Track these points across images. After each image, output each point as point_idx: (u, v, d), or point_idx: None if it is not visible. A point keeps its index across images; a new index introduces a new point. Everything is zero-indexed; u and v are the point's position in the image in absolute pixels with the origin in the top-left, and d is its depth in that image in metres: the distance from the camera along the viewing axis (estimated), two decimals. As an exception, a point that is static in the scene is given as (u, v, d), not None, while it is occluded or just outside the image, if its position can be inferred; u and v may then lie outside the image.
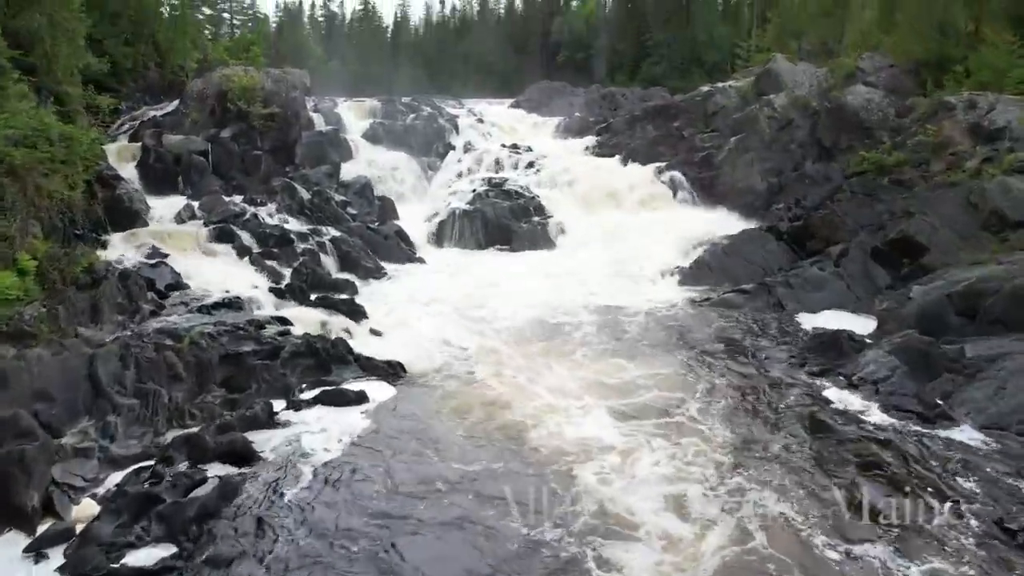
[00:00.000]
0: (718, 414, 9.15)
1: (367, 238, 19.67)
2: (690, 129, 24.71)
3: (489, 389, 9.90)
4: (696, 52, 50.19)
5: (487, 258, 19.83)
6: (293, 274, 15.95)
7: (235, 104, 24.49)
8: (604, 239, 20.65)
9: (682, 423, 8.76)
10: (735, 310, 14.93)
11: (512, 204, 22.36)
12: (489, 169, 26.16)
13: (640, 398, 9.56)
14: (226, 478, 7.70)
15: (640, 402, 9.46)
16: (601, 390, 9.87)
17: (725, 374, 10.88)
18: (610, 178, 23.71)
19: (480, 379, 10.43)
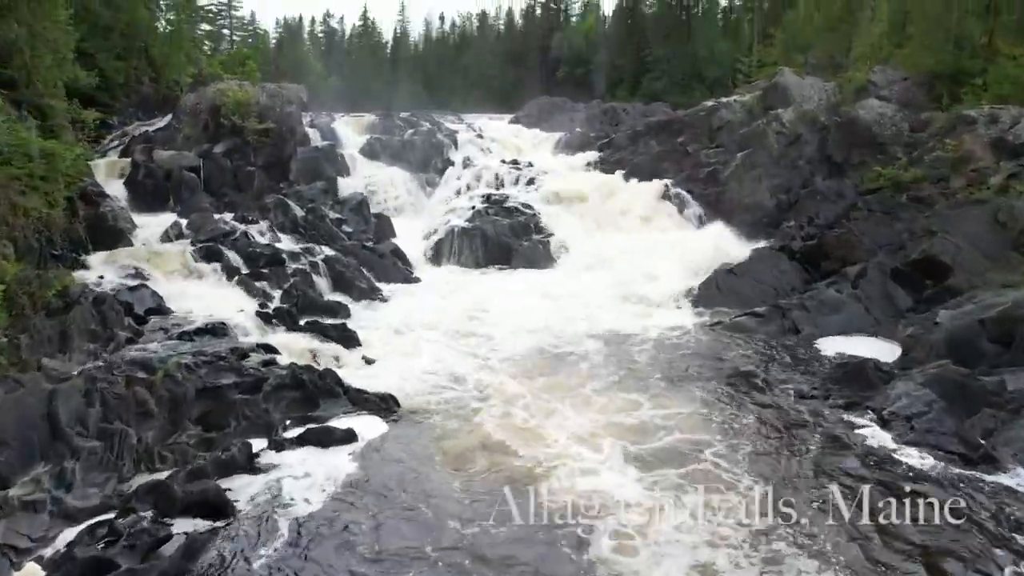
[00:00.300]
0: (744, 460, 8.23)
1: (362, 257, 18.83)
2: (695, 144, 23.95)
3: (490, 430, 8.98)
4: (697, 67, 49.65)
5: (487, 278, 18.97)
6: (283, 296, 15.09)
7: (229, 119, 23.77)
8: (608, 258, 19.81)
9: (707, 471, 7.84)
10: (749, 335, 14.05)
11: (512, 221, 21.55)
12: (489, 185, 25.38)
13: (659, 442, 8.62)
14: (193, 535, 6.79)
15: (659, 447, 8.53)
16: (615, 432, 8.92)
17: (746, 410, 9.98)
18: (613, 195, 22.91)
19: (480, 417, 9.51)
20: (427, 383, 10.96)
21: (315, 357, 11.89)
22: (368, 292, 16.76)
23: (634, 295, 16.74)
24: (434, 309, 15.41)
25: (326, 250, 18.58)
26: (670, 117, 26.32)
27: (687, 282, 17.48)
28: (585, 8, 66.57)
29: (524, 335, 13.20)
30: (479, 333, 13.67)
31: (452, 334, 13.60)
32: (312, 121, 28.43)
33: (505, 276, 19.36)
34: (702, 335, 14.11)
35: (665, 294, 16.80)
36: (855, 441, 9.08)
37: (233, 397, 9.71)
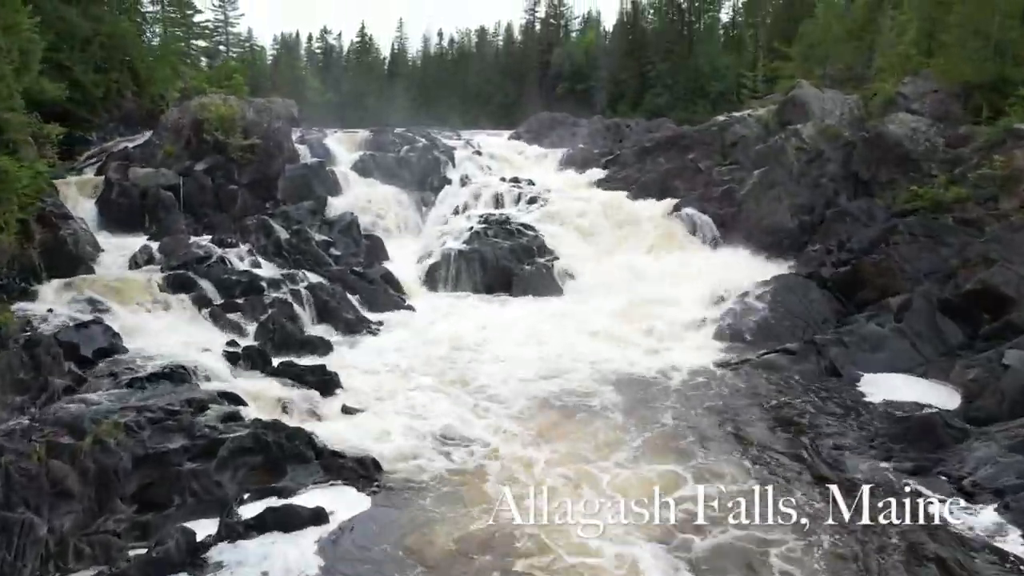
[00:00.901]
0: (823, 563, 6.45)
1: (350, 284, 17.14)
2: (707, 161, 22.37)
3: (492, 518, 7.16)
4: (699, 83, 48.32)
5: (486, 307, 17.26)
6: (258, 330, 13.37)
7: (212, 135, 22.18)
8: (617, 285, 18.13)
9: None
10: (782, 376, 12.33)
11: (513, 244, 19.87)
12: (488, 204, 23.75)
13: (712, 539, 6.70)
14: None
15: (713, 546, 6.66)
16: (655, 527, 7.09)
17: (804, 484, 8.17)
18: (621, 215, 21.28)
19: (479, 497, 7.74)
20: (416, 441, 9.21)
21: (286, 408, 10.15)
22: (355, 324, 15.03)
23: (648, 327, 15.02)
24: (427, 345, 13.69)
25: (311, 276, 16.90)
26: (679, 133, 24.76)
27: (706, 311, 15.81)
28: (585, 23, 65.46)
29: (529, 379, 11.46)
30: (477, 376, 11.94)
31: (446, 377, 11.87)
32: (302, 137, 26.86)
33: (506, 305, 17.65)
34: (730, 377, 12.38)
35: (683, 326, 15.10)
36: (936, 523, 7.32)
37: (180, 466, 7.96)
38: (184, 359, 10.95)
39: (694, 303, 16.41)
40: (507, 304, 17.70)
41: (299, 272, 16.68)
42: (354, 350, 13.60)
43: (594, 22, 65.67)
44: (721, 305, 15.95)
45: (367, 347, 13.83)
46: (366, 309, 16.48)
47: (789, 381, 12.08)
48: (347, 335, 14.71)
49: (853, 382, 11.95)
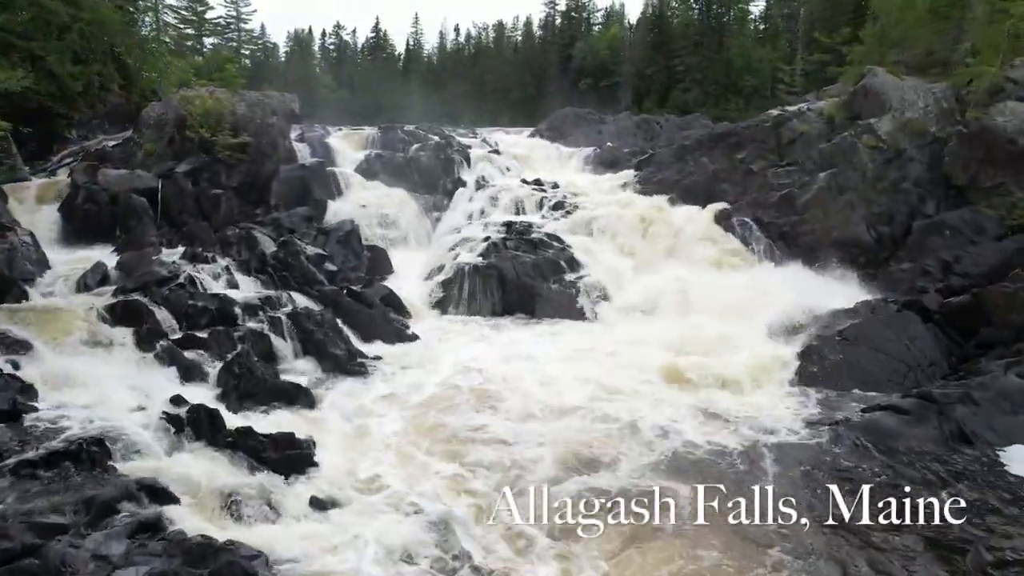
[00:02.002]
0: None
1: (344, 307, 14.29)
2: (760, 162, 19.27)
3: None
4: (732, 77, 45.06)
5: (505, 336, 14.33)
6: (221, 374, 10.54)
7: (196, 132, 19.47)
8: (661, 309, 15.17)
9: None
10: (894, 442, 9.28)
11: (537, 258, 16.93)
12: (507, 210, 20.84)
13: None
14: None
15: None
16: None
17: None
18: (661, 224, 18.26)
19: None
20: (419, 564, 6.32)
21: (234, 506, 7.31)
22: (345, 361, 12.15)
23: (705, 368, 12.02)
24: (432, 395, 10.80)
25: (298, 298, 14.12)
26: (726, 129, 21.65)
27: (775, 347, 12.78)
28: (608, 16, 62.23)
29: (568, 463, 8.46)
30: (494, 442, 9.02)
31: (456, 444, 8.98)
32: (302, 135, 24.12)
33: (529, 332, 14.75)
34: (824, 442, 9.34)
35: (749, 367, 12.07)
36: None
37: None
38: (106, 425, 8.17)
39: (760, 336, 13.38)
40: (530, 332, 14.78)
41: (283, 294, 13.88)
42: (340, 399, 10.69)
43: (617, 15, 62.46)
44: (794, 339, 12.93)
45: (357, 395, 10.91)
46: (361, 339, 13.64)
47: (906, 452, 9.02)
48: (335, 375, 11.85)
49: (994, 458, 8.89)
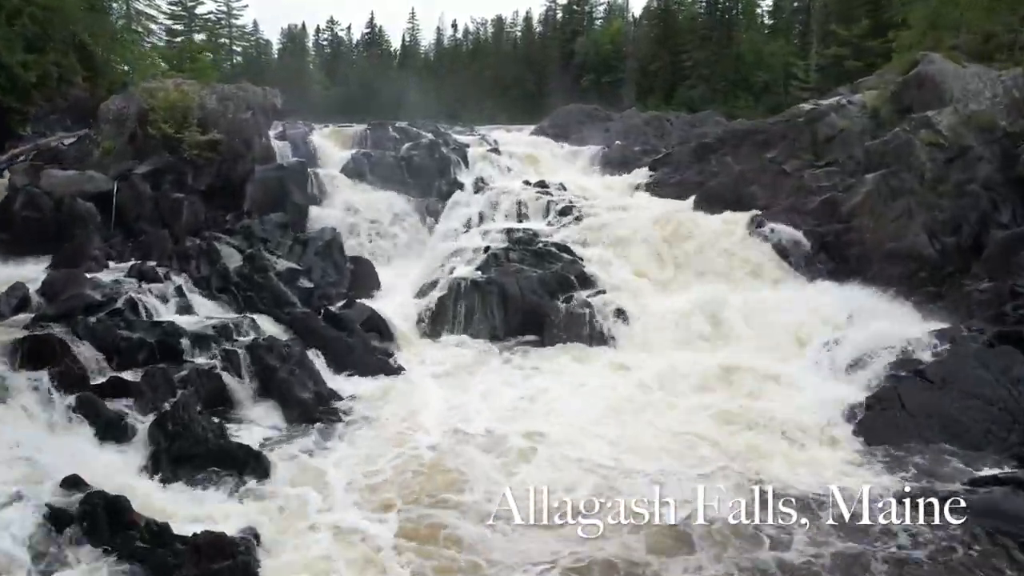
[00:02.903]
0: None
1: (318, 334, 12.02)
2: (794, 161, 17.01)
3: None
4: (742, 73, 42.81)
5: (507, 371, 12.03)
6: (151, 431, 8.24)
7: (158, 128, 17.19)
8: (689, 334, 12.89)
9: None
10: (1016, 529, 7.05)
11: (544, 272, 14.62)
12: (508, 216, 18.54)
13: None
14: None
15: None
16: None
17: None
18: (684, 232, 15.96)
19: None
20: None
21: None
22: (311, 407, 9.86)
23: (746, 414, 9.77)
24: (423, 451, 8.52)
25: (264, 323, 11.88)
26: (751, 126, 19.40)
27: (832, 387, 10.52)
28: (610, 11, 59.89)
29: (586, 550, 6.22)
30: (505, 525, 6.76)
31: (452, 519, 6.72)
32: (283, 132, 21.82)
33: (535, 361, 12.46)
34: (927, 535, 7.07)
35: (801, 412, 9.81)
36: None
37: None
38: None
39: (809, 371, 11.16)
40: (537, 362, 12.49)
41: (245, 319, 11.59)
42: (301, 463, 8.40)
43: (620, 9, 60.14)
44: (853, 376, 10.69)
45: (323, 454, 8.62)
46: (337, 372, 11.40)
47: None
48: (299, 426, 9.57)
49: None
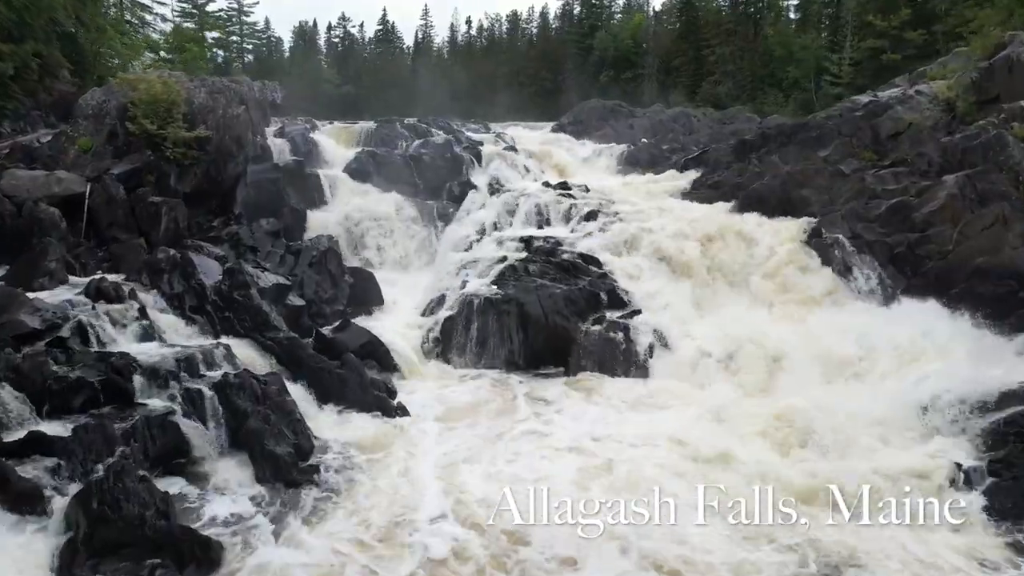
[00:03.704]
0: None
1: (304, 365, 10.11)
2: (851, 161, 14.88)
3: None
4: (770, 68, 40.47)
5: (527, 408, 10.02)
6: (70, 510, 6.33)
7: (138, 124, 15.35)
8: (743, 367, 10.80)
9: None
10: None
11: (570, 288, 12.59)
12: (527, 221, 16.55)
13: None
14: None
15: None
16: None
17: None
18: (730, 243, 13.88)
19: None
20: None
21: None
22: (288, 466, 7.88)
23: (837, 479, 7.68)
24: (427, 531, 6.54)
25: (242, 351, 10.03)
26: (800, 122, 17.27)
27: (937, 445, 8.39)
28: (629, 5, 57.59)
29: None
30: None
31: None
32: (282, 130, 19.96)
33: (560, 398, 10.43)
34: None
35: (908, 476, 7.72)
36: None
37: None
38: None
39: (897, 421, 9.02)
40: (562, 396, 10.48)
41: (217, 348, 9.66)
42: (257, 565, 6.40)
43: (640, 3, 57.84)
44: (957, 430, 8.57)
45: (286, 551, 6.59)
46: (324, 412, 9.47)
47: None
48: (272, 489, 7.63)
49: None
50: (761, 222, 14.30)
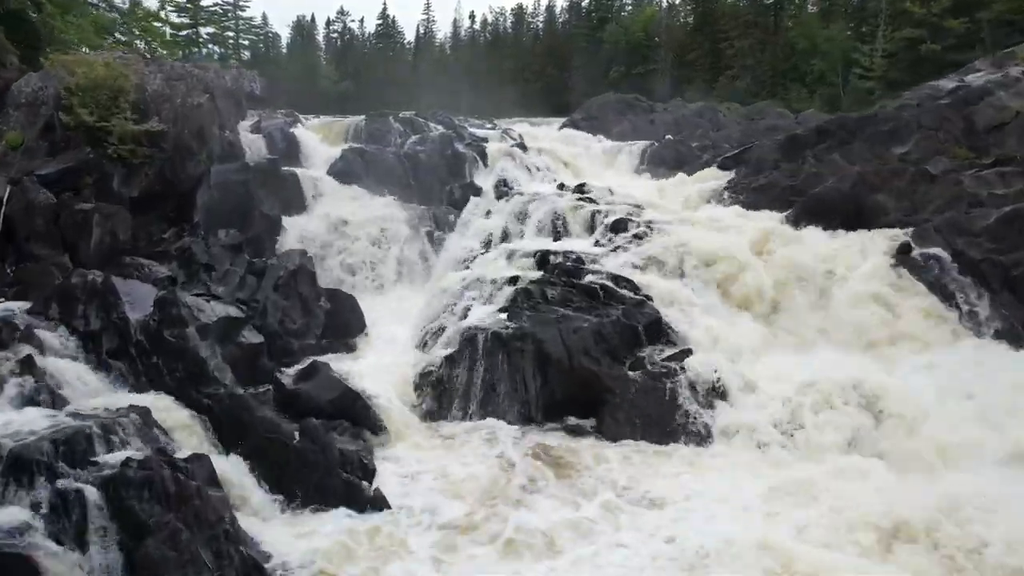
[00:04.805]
0: None
1: (249, 434, 7.34)
2: (940, 159, 12.08)
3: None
4: (793, 61, 37.64)
5: (545, 503, 7.17)
6: None
7: (74, 114, 12.61)
8: (838, 432, 7.99)
9: None
10: None
11: (600, 320, 9.77)
12: (541, 231, 13.77)
13: None
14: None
15: None
16: None
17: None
18: (795, 260, 11.07)
19: None
20: None
21: None
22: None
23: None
24: None
25: (168, 414, 7.24)
26: (868, 113, 14.44)
27: None
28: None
29: None
30: None
31: None
32: (258, 124, 17.17)
33: (604, 492, 7.60)
34: None
35: None
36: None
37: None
38: None
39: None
40: (592, 464, 7.73)
41: (126, 417, 6.90)
42: None
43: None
44: None
45: None
46: (277, 508, 6.71)
47: None
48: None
49: None
50: (836, 235, 11.51)
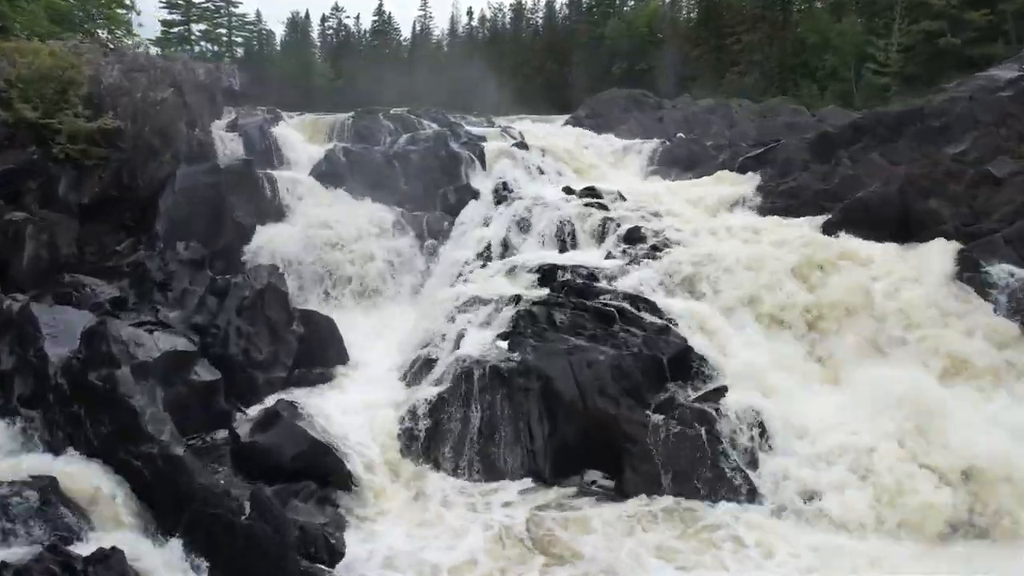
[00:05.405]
0: None
1: (185, 507, 5.77)
2: (1004, 160, 10.53)
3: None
4: (802, 57, 36.12)
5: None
6: None
7: (13, 110, 11.08)
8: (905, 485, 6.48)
9: None
10: None
11: (619, 353, 8.20)
12: (546, 240, 12.21)
13: None
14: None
15: None
16: None
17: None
18: (842, 277, 9.53)
19: None
20: None
21: None
22: None
23: None
24: None
25: (86, 482, 5.81)
26: (914, 107, 12.88)
27: None
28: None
29: None
30: None
31: None
32: (235, 122, 15.60)
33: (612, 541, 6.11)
34: None
35: None
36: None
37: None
38: None
39: None
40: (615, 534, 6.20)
41: (27, 489, 5.37)
42: None
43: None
44: None
45: None
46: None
47: None
48: None
49: None
50: (884, 247, 9.98)
